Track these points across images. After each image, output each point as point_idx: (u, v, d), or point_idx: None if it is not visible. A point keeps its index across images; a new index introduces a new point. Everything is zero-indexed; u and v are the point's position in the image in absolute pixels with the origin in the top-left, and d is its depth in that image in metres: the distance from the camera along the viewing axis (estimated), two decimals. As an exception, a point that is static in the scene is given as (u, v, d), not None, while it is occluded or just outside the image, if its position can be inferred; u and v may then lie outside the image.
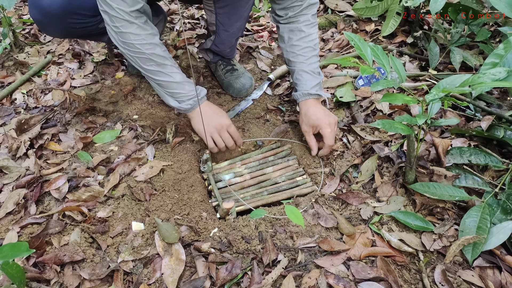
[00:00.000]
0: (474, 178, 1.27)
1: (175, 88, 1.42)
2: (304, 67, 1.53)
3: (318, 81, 1.54)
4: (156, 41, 1.35)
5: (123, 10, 1.25)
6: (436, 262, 1.13)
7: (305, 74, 1.53)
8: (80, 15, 1.49)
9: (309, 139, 1.50)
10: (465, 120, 1.53)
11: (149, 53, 1.34)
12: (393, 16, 2.06)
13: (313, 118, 1.47)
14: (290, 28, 1.54)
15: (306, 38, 1.53)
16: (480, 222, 1.15)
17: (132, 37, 1.31)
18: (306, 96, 1.52)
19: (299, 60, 1.54)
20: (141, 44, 1.32)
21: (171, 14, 2.65)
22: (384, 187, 1.34)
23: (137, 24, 1.29)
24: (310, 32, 1.53)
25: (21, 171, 1.48)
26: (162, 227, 1.22)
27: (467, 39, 1.84)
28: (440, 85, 1.11)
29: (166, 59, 1.38)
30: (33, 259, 1.16)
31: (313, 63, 1.55)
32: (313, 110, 1.49)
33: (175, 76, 1.40)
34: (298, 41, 1.53)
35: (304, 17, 1.52)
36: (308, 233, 1.24)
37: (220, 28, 1.68)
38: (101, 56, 2.19)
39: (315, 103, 1.52)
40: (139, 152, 1.57)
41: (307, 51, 1.53)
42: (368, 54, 1.15)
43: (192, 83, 1.45)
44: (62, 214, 1.31)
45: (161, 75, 1.40)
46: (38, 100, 1.89)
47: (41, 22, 1.50)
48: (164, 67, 1.38)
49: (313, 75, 1.54)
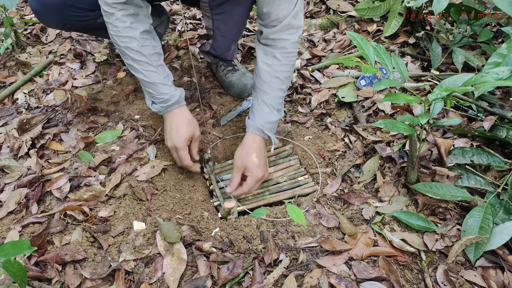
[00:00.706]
0: (477, 178, 1.27)
1: (148, 86, 1.39)
2: (266, 99, 1.38)
3: (275, 119, 1.40)
4: (135, 34, 1.32)
5: (105, 2, 1.27)
6: (438, 262, 1.12)
7: (264, 106, 1.39)
8: (78, 8, 1.49)
9: (234, 175, 1.36)
10: (467, 120, 1.52)
11: (123, 46, 1.33)
12: (395, 16, 2.06)
13: (250, 162, 1.34)
14: (265, 52, 1.38)
15: (278, 67, 1.36)
16: (482, 222, 1.14)
17: (111, 28, 1.32)
18: (258, 131, 1.37)
19: (263, 88, 1.38)
20: (117, 36, 1.32)
21: (173, 15, 2.65)
22: (386, 187, 1.34)
23: (117, 16, 1.28)
24: (284, 62, 1.36)
25: (22, 171, 1.48)
26: (164, 227, 1.22)
27: (469, 40, 1.83)
28: (442, 85, 1.11)
29: (142, 55, 1.34)
30: (35, 258, 1.16)
31: (277, 97, 1.40)
32: (254, 154, 1.35)
33: (148, 75, 1.37)
34: (268, 68, 1.37)
35: (283, 43, 1.34)
36: (310, 233, 1.24)
37: (217, 33, 1.68)
38: (102, 56, 2.19)
39: (260, 142, 1.38)
40: (140, 152, 1.57)
41: (274, 82, 1.38)
42: (371, 53, 1.15)
43: (169, 86, 1.40)
44: (64, 213, 1.31)
45: (135, 70, 1.38)
46: (39, 100, 1.89)
47: (40, 12, 1.51)
48: (138, 63, 1.35)
49: (272, 111, 1.39)
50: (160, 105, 1.41)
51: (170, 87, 1.41)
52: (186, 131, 1.40)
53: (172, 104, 1.40)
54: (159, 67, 1.39)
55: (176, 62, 2.12)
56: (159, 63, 1.40)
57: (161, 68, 1.40)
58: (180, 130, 1.40)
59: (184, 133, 1.39)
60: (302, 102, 1.80)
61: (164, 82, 1.39)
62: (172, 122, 1.41)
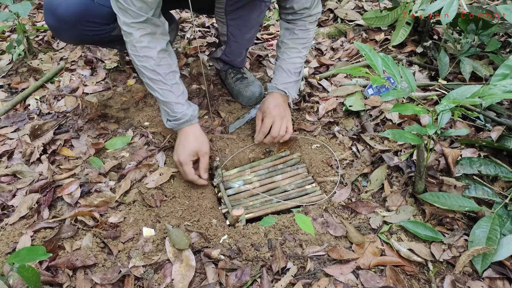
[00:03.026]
0: (484, 189, 1.27)
1: (163, 104, 1.44)
2: (283, 65, 1.62)
3: (291, 80, 1.62)
4: (152, 54, 1.36)
5: (125, 22, 1.31)
6: (445, 272, 1.13)
7: (281, 71, 1.63)
8: (94, 23, 1.51)
9: (257, 123, 1.63)
10: (474, 130, 1.53)
11: (140, 65, 1.37)
12: (402, 25, 2.07)
13: (265, 105, 1.60)
14: (286, 27, 1.63)
15: (297, 40, 1.61)
16: (490, 233, 1.15)
17: (129, 47, 1.37)
18: (274, 89, 1.63)
19: (282, 56, 1.63)
20: (135, 56, 1.37)
21: (182, 23, 2.68)
22: (394, 197, 1.35)
23: (135, 36, 1.32)
24: (302, 36, 1.61)
25: (34, 176, 1.50)
26: (173, 233, 1.23)
27: (477, 49, 1.84)
28: (450, 96, 1.12)
29: (157, 74, 1.38)
30: (46, 263, 1.18)
31: (294, 63, 1.62)
32: (270, 100, 1.61)
33: (163, 94, 1.41)
34: (288, 40, 1.62)
35: (301, 22, 1.59)
36: (317, 241, 1.25)
37: (230, 39, 1.70)
38: (113, 63, 2.22)
39: (278, 97, 1.62)
40: (150, 158, 1.59)
41: (292, 52, 1.62)
42: (379, 64, 1.16)
43: (182, 104, 1.44)
44: (74, 219, 1.33)
45: (151, 88, 1.43)
46: (51, 106, 1.92)
47: (56, 28, 1.52)
48: (154, 81, 1.40)
49: (288, 74, 1.62)
50: (173, 123, 1.46)
51: (183, 105, 1.45)
52: (191, 146, 1.44)
53: (183, 122, 1.45)
54: (174, 85, 1.43)
55: (185, 70, 2.14)
56: (174, 81, 1.43)
57: (175, 87, 1.43)
58: (186, 146, 1.44)
59: (189, 148, 1.44)
60: (310, 110, 1.81)
61: (177, 101, 1.43)
62: (181, 138, 1.46)
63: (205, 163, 1.47)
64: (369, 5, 2.63)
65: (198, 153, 1.45)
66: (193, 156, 1.44)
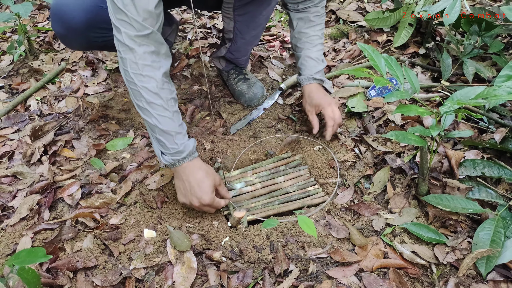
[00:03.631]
0: (488, 191, 1.26)
1: (160, 134, 1.24)
2: (310, 54, 1.63)
3: (321, 68, 1.65)
4: (155, 75, 1.19)
5: (127, 34, 1.14)
6: (449, 275, 1.12)
7: (310, 60, 1.63)
8: (104, 29, 1.44)
9: (311, 118, 1.61)
10: (478, 132, 1.52)
11: (141, 85, 1.18)
12: (405, 27, 2.06)
13: (316, 98, 1.59)
14: (300, 17, 1.63)
15: (314, 28, 1.63)
16: (493, 235, 1.14)
17: (128, 64, 1.18)
18: (311, 80, 1.63)
19: (305, 46, 1.64)
20: (135, 74, 1.18)
21: (183, 23, 2.68)
22: (397, 199, 1.34)
23: (137, 52, 1.16)
24: (318, 22, 1.63)
25: (35, 177, 1.50)
26: (174, 235, 1.22)
27: (480, 51, 1.83)
28: (454, 97, 1.11)
29: (159, 98, 1.20)
30: (46, 265, 1.17)
31: (319, 50, 1.65)
32: (316, 92, 1.62)
33: (162, 121, 1.22)
34: (306, 29, 1.63)
35: (314, 9, 1.61)
36: (320, 243, 1.24)
37: (237, 35, 1.70)
38: (114, 64, 2.21)
39: (318, 87, 1.64)
40: (151, 159, 1.58)
41: (314, 39, 1.64)
42: (382, 65, 1.15)
43: (183, 135, 1.27)
44: (75, 220, 1.33)
45: (147, 115, 1.22)
46: (52, 107, 1.92)
47: (64, 36, 1.48)
48: (153, 106, 1.20)
49: (317, 62, 1.64)
50: (171, 157, 1.26)
51: (184, 136, 1.28)
52: (210, 184, 1.27)
53: (186, 156, 1.26)
54: (175, 113, 1.26)
55: (186, 71, 2.14)
56: (175, 109, 1.26)
57: (176, 115, 1.26)
58: (203, 185, 1.26)
59: (208, 186, 1.27)
60: (312, 111, 1.81)
61: (178, 130, 1.25)
62: (190, 178, 1.27)
63: (225, 189, 1.38)
64: (371, 6, 2.62)
65: (215, 184, 1.31)
66: (214, 192, 1.30)
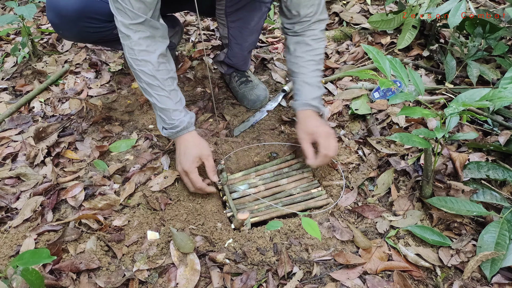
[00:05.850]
0: (492, 193, 1.26)
1: (159, 111, 1.40)
2: (306, 79, 1.52)
3: (318, 94, 1.52)
4: (151, 58, 1.33)
5: (122, 23, 1.27)
6: (453, 278, 1.11)
7: (306, 85, 1.52)
8: (95, 19, 1.51)
9: (306, 147, 1.46)
10: (482, 135, 1.51)
11: (138, 69, 1.33)
12: (409, 29, 2.06)
13: (310, 126, 1.46)
14: (296, 40, 1.54)
15: (311, 52, 1.53)
16: (498, 238, 1.13)
17: (127, 50, 1.33)
18: (306, 106, 1.50)
19: (301, 71, 1.53)
20: (132, 59, 1.32)
21: (187, 26, 2.68)
22: (401, 201, 1.33)
23: (133, 39, 1.29)
24: (315, 46, 1.53)
25: (38, 179, 1.50)
26: (177, 237, 1.22)
27: (484, 53, 1.83)
28: (459, 99, 1.11)
29: (156, 79, 1.34)
30: (50, 266, 1.17)
31: (315, 76, 1.54)
32: (311, 119, 1.48)
33: (161, 100, 1.37)
34: (302, 53, 1.53)
35: (312, 32, 1.52)
36: (324, 246, 1.23)
37: (232, 41, 1.70)
38: (117, 66, 2.22)
39: (313, 114, 1.50)
40: (154, 161, 1.58)
41: (311, 64, 1.53)
42: (387, 67, 1.15)
43: (180, 111, 1.40)
44: (78, 222, 1.32)
45: (148, 94, 1.38)
46: (55, 108, 1.92)
47: (57, 24, 1.53)
48: (151, 87, 1.36)
49: (314, 87, 1.52)
50: (169, 131, 1.42)
51: (180, 112, 1.41)
52: (193, 153, 1.39)
53: (180, 130, 1.40)
54: (172, 92, 1.39)
55: (190, 73, 2.14)
56: (172, 87, 1.40)
57: (173, 93, 1.40)
58: (188, 153, 1.39)
59: (191, 155, 1.39)
60: (315, 113, 1.80)
61: (175, 107, 1.39)
62: (181, 147, 1.42)
63: (211, 165, 1.42)
64: (374, 9, 2.62)
65: (201, 157, 1.40)
66: (197, 162, 1.40)
